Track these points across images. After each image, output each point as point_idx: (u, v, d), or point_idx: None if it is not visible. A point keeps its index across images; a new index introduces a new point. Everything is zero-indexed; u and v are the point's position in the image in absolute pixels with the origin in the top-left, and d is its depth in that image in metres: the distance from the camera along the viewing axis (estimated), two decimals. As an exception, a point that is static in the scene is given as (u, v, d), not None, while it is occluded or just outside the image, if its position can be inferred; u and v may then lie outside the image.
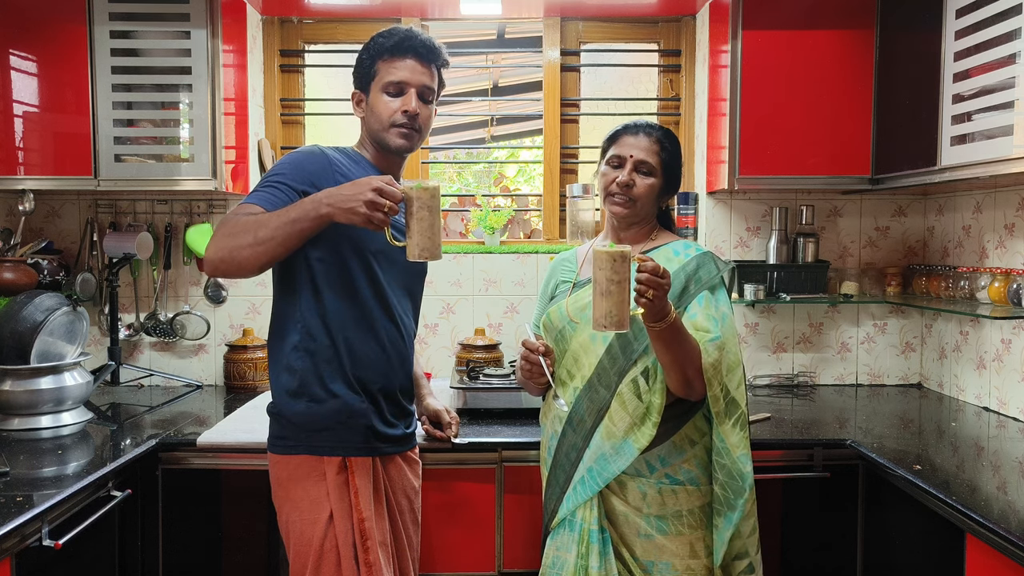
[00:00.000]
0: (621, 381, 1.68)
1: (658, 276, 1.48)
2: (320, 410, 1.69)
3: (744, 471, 1.65)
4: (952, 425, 2.35)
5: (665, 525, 1.68)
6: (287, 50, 3.03)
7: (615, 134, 1.79)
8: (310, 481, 1.68)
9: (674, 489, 1.69)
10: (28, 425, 2.22)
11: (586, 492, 1.69)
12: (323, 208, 1.50)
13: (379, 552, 1.67)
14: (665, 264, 1.71)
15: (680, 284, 1.69)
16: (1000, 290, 2.29)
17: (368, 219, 1.48)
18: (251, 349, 2.76)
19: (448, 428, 2.07)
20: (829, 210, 2.89)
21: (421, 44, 1.73)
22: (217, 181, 2.49)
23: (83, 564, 1.85)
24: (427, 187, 1.52)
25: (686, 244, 1.78)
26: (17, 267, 2.53)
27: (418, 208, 1.52)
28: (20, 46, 2.46)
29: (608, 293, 1.48)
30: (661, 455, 1.69)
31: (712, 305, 1.68)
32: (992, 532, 1.51)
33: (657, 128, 1.78)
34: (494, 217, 2.98)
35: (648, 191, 1.74)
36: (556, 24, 2.99)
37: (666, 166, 1.75)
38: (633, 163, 1.73)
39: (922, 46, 2.26)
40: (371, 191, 1.48)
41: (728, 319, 1.69)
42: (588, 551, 1.67)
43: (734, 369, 1.66)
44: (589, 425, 1.70)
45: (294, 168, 1.66)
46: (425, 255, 1.54)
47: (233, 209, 1.61)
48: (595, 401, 1.70)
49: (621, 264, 1.47)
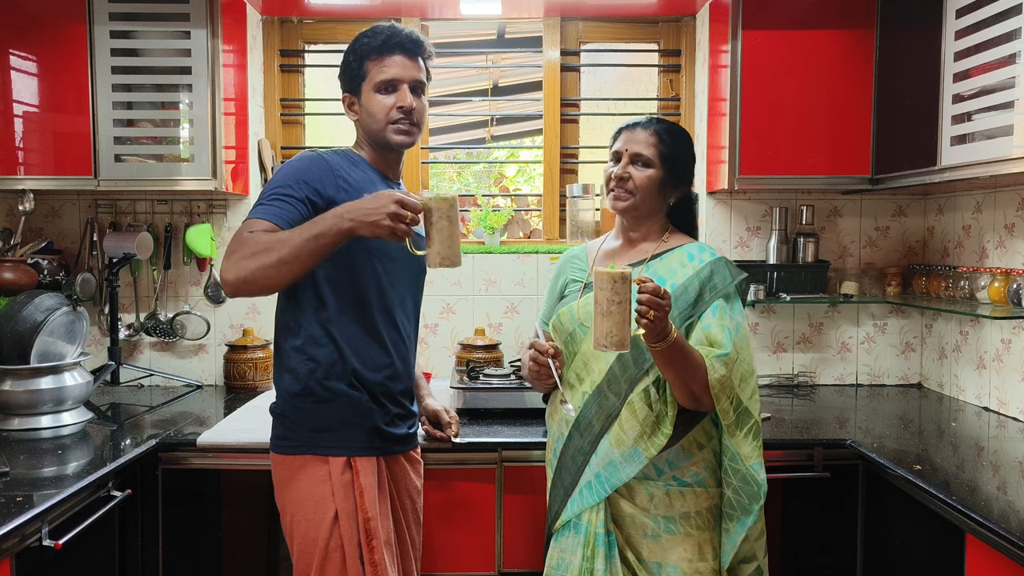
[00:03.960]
0: (632, 390, 1.66)
1: (659, 297, 1.47)
2: (325, 410, 1.69)
3: (759, 478, 1.64)
4: (952, 425, 2.35)
5: (673, 525, 1.67)
6: (287, 50, 3.03)
7: (616, 133, 1.80)
8: (314, 481, 1.68)
9: (682, 491, 1.68)
10: (28, 425, 2.22)
11: (593, 497, 1.68)
12: (345, 223, 1.51)
13: (384, 551, 1.67)
14: (679, 268, 1.71)
15: (695, 291, 1.67)
16: (1000, 290, 2.29)
17: (392, 231, 1.50)
18: (251, 349, 2.76)
19: (448, 428, 2.07)
20: (829, 210, 2.89)
21: (407, 39, 1.73)
22: (217, 181, 2.49)
23: (83, 564, 1.85)
24: (446, 198, 1.55)
25: (700, 247, 1.75)
26: (17, 267, 2.53)
27: (437, 218, 1.55)
28: (20, 46, 2.46)
29: (608, 313, 1.49)
30: (669, 459, 1.68)
31: (727, 315, 1.66)
32: (992, 532, 1.51)
33: (658, 122, 1.77)
34: (494, 217, 2.98)
35: (647, 183, 1.72)
36: (556, 24, 2.99)
37: (666, 158, 1.73)
38: (629, 156, 1.73)
39: (922, 46, 2.26)
40: (393, 203, 1.49)
41: (742, 328, 1.67)
42: (594, 554, 1.66)
43: (747, 379, 1.65)
44: (597, 431, 1.69)
45: (296, 178, 1.65)
46: (446, 263, 1.57)
47: (243, 226, 1.59)
48: (604, 407, 1.69)
49: (622, 285, 1.47)
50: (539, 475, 2.14)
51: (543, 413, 2.33)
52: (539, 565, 1.79)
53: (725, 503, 1.69)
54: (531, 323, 2.91)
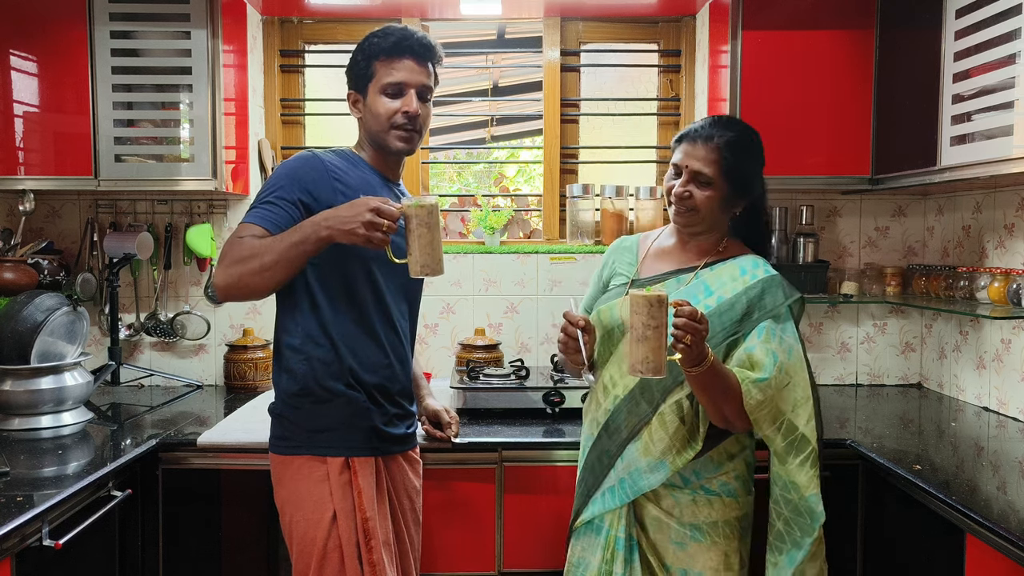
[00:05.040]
0: (665, 400, 1.62)
1: (695, 321, 1.43)
2: (323, 410, 1.69)
3: (816, 511, 1.57)
4: (952, 425, 2.35)
5: (700, 534, 1.64)
6: (287, 50, 3.03)
7: (678, 138, 1.70)
8: (313, 481, 1.68)
9: (709, 499, 1.64)
10: (28, 425, 2.22)
11: (615, 501, 1.66)
12: (323, 231, 1.53)
13: (383, 552, 1.67)
14: (728, 282, 1.65)
15: (742, 309, 1.61)
16: (1000, 290, 2.29)
17: (367, 239, 1.51)
18: (251, 349, 2.76)
19: (448, 428, 2.07)
20: (829, 210, 2.89)
21: (418, 44, 1.73)
22: (217, 181, 2.49)
23: (83, 564, 1.85)
24: (424, 204, 1.54)
25: (755, 263, 1.67)
26: (17, 267, 2.53)
27: (416, 225, 1.54)
28: (20, 46, 2.46)
29: (644, 339, 1.44)
30: (696, 469, 1.64)
31: (775, 337, 1.58)
32: (992, 532, 1.51)
33: (719, 130, 1.65)
34: (494, 217, 2.98)
35: (707, 202, 1.64)
36: (556, 24, 2.99)
37: (728, 173, 1.63)
38: (689, 174, 1.65)
39: (922, 46, 2.26)
40: (368, 211, 1.50)
41: (795, 352, 1.60)
42: (613, 557, 1.65)
43: (803, 404, 1.58)
44: (625, 436, 1.66)
45: (289, 179, 1.66)
46: (427, 271, 1.57)
47: (236, 230, 1.63)
48: (635, 413, 1.65)
49: (658, 309, 1.43)
50: (539, 475, 2.15)
51: (543, 413, 2.34)
52: (539, 565, 1.79)
53: (775, 535, 1.63)
54: (531, 323, 2.91)
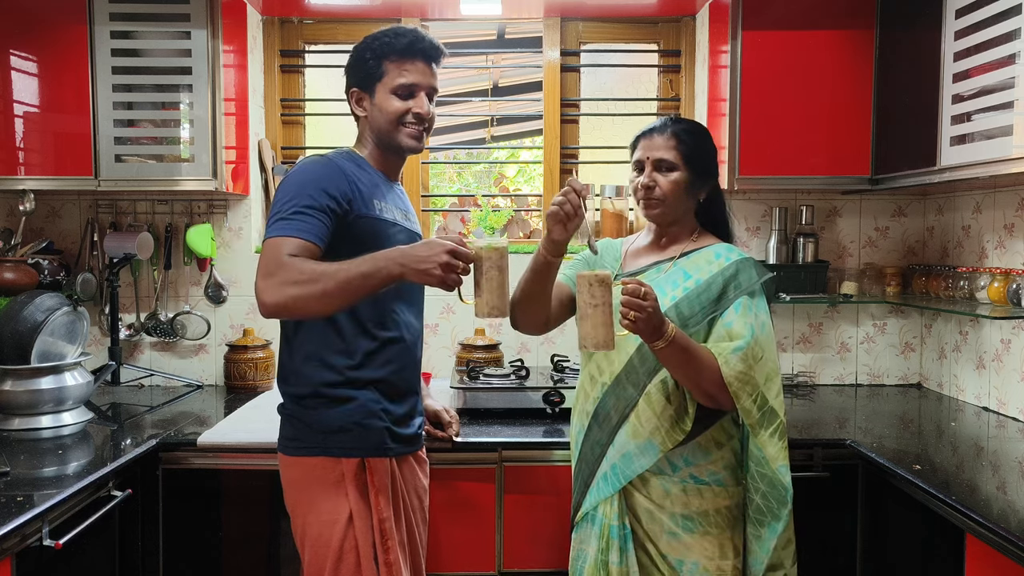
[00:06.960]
0: (651, 380, 1.67)
1: (639, 298, 1.48)
2: (337, 412, 1.68)
3: (785, 482, 1.64)
4: (952, 425, 2.35)
5: (691, 524, 1.67)
6: (287, 50, 3.03)
7: (634, 140, 1.78)
8: (327, 483, 1.68)
9: (699, 489, 1.68)
10: (28, 425, 2.22)
11: (608, 488, 1.69)
12: (396, 268, 1.51)
13: (398, 552, 1.68)
14: (704, 265, 1.71)
15: (718, 288, 1.67)
16: (1000, 290, 2.29)
17: (443, 280, 1.51)
18: (251, 349, 2.76)
19: (448, 428, 2.08)
20: (829, 210, 2.90)
21: (430, 46, 1.74)
22: (217, 181, 2.49)
23: (83, 564, 1.85)
24: (497, 247, 1.56)
25: (728, 248, 1.75)
26: (18, 267, 2.53)
27: (488, 268, 1.56)
28: (20, 46, 2.46)
29: (586, 316, 1.52)
30: (685, 455, 1.68)
31: (751, 312, 1.65)
32: (992, 532, 1.51)
33: (674, 122, 1.75)
34: (494, 217, 2.98)
35: (673, 187, 1.71)
36: (556, 24, 2.99)
37: (688, 158, 1.71)
38: (652, 163, 1.72)
39: (922, 46, 2.26)
40: (446, 254, 1.50)
41: (767, 327, 1.66)
42: (608, 546, 1.68)
43: (772, 378, 1.64)
44: (615, 422, 1.70)
45: (316, 187, 1.62)
46: (495, 313, 1.57)
47: (274, 245, 1.54)
48: (622, 399, 1.70)
49: (598, 288, 1.50)
50: (539, 475, 2.15)
51: (543, 413, 2.34)
52: (539, 565, 1.79)
53: (754, 509, 1.68)
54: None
